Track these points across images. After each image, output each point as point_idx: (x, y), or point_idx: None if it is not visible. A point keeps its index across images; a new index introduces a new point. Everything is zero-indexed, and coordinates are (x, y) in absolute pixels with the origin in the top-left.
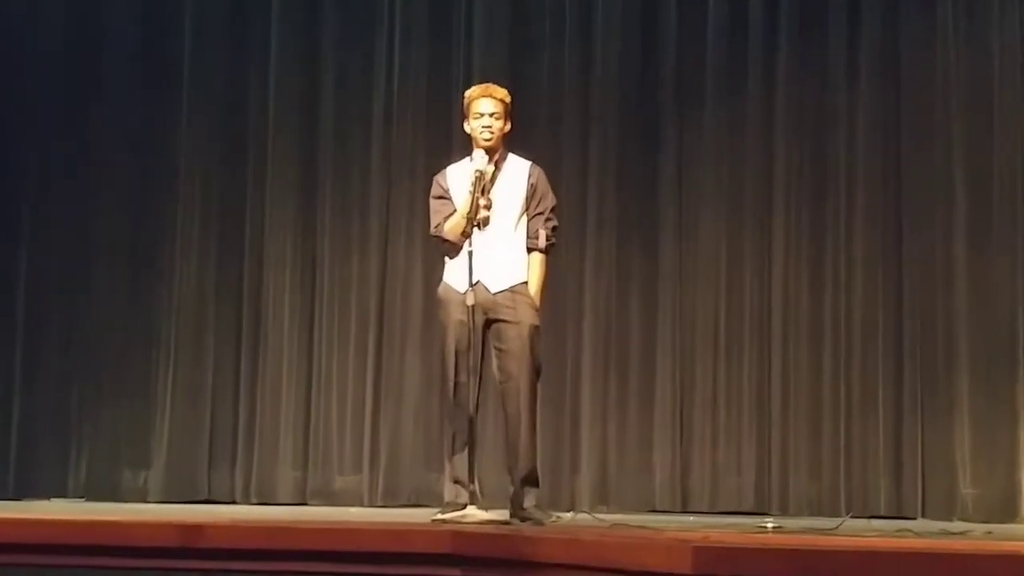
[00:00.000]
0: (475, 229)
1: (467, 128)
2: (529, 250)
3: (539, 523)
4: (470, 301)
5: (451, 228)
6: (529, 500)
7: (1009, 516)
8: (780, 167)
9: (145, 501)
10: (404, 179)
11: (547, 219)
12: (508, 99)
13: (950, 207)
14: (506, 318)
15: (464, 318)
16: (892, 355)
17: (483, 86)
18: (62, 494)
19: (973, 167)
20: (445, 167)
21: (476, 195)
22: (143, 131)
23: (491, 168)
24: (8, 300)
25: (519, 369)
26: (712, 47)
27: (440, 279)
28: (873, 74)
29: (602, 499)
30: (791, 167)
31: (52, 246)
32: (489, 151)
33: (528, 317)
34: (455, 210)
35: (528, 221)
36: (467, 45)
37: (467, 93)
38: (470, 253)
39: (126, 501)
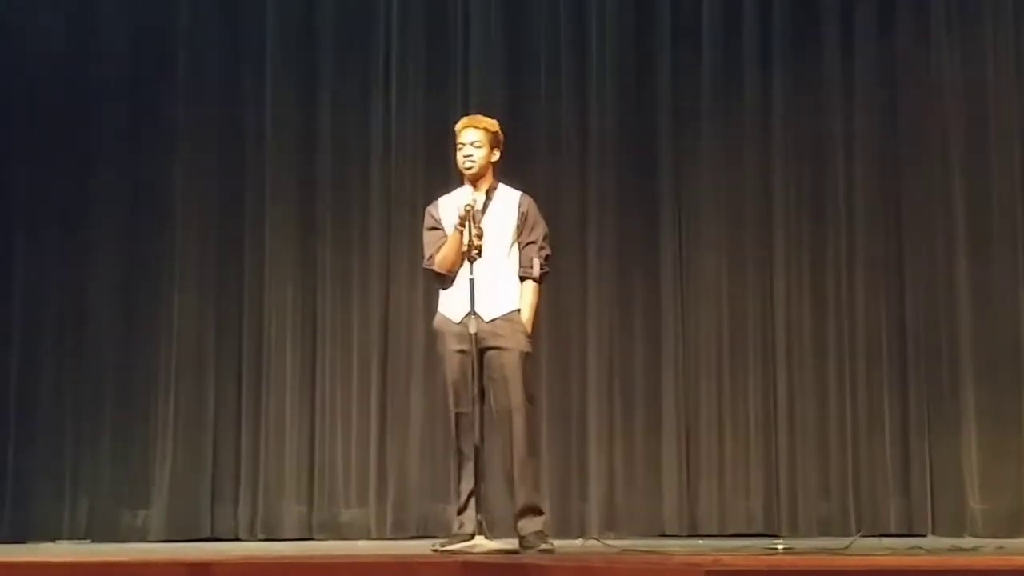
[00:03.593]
0: (468, 260)
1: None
2: (522, 279)
3: (547, 551)
4: (472, 329)
5: (442, 260)
6: (535, 528)
7: (1020, 530)
8: (779, 186)
9: (147, 540)
10: (405, 212)
11: (540, 247)
12: (494, 128)
13: (950, 221)
14: (499, 345)
15: (463, 347)
16: (897, 372)
17: (468, 117)
18: (58, 536)
19: (972, 179)
20: (437, 198)
21: (466, 230)
22: (139, 164)
23: (480, 200)
24: (3, 335)
25: (511, 396)
26: (707, 67)
27: (435, 311)
28: (869, 88)
29: (611, 525)
30: (789, 186)
31: (47, 282)
32: (473, 180)
33: (520, 344)
34: (446, 241)
35: (520, 250)
36: (464, 80)
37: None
38: (471, 281)
39: (127, 541)
